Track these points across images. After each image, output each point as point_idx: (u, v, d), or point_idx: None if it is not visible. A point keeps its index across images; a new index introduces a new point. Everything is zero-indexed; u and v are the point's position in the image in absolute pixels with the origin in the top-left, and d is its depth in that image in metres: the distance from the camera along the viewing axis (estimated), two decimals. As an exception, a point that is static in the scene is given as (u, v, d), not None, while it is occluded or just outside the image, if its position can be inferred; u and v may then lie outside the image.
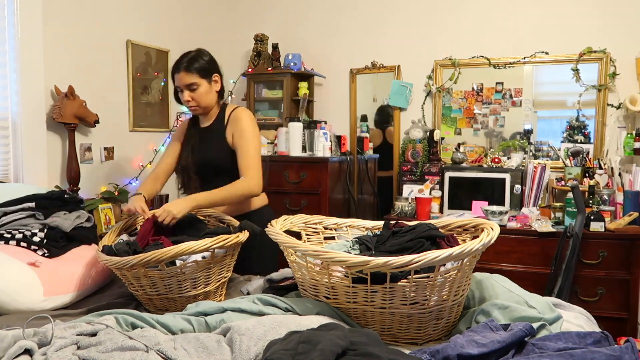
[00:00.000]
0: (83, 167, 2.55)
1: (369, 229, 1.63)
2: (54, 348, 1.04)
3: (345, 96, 3.56)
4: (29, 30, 2.29)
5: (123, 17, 2.87)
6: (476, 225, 1.45)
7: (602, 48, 2.93)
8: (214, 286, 1.54)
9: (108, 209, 2.59)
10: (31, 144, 2.34)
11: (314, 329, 1.09)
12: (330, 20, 3.58)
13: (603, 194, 2.67)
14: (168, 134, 3.25)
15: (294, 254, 1.32)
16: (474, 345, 1.05)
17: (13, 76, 2.27)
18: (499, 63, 3.15)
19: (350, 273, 1.20)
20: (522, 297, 1.33)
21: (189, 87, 1.90)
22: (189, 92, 1.90)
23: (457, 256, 1.13)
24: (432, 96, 3.34)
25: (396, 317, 1.21)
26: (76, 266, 1.67)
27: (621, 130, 2.89)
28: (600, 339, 1.08)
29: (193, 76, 1.88)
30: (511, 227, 2.63)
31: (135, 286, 1.49)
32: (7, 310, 1.45)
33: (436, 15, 3.32)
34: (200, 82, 1.90)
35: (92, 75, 2.67)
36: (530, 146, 3.11)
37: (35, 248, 1.67)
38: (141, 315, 1.25)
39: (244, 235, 1.57)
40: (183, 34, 3.39)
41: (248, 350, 1.06)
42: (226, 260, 1.58)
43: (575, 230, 2.41)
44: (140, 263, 1.36)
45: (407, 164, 3.30)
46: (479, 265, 1.73)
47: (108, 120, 2.73)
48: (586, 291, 2.53)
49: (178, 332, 1.23)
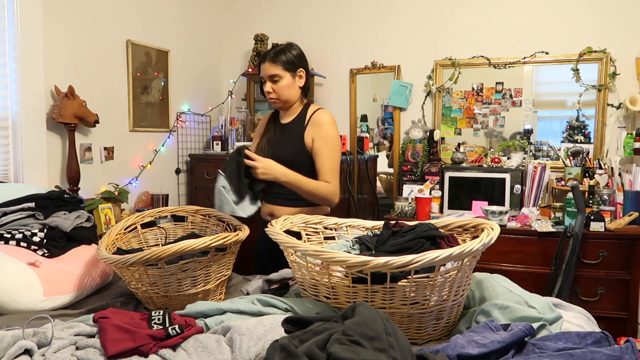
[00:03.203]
0: (83, 167, 2.55)
1: (369, 229, 1.62)
2: (53, 349, 1.04)
3: (345, 96, 3.56)
4: (29, 30, 2.29)
5: (123, 17, 2.87)
6: (476, 225, 1.45)
7: (602, 48, 2.93)
8: (214, 284, 1.54)
9: (108, 209, 2.59)
10: (31, 144, 2.34)
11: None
12: (330, 20, 3.58)
13: (603, 194, 2.67)
14: (168, 134, 3.25)
15: (294, 254, 1.32)
16: (474, 345, 1.05)
17: (13, 76, 2.27)
18: (499, 63, 3.15)
19: (350, 273, 1.19)
20: (522, 297, 1.33)
21: (271, 79, 1.87)
22: (271, 83, 1.88)
23: (457, 256, 1.13)
24: (432, 96, 3.34)
25: (396, 317, 1.21)
26: (76, 266, 1.67)
27: (621, 130, 2.89)
28: (600, 339, 1.08)
29: (277, 67, 1.85)
30: (511, 227, 2.63)
31: (135, 284, 1.49)
32: (7, 310, 1.45)
33: (436, 15, 3.32)
34: (284, 74, 1.86)
35: (92, 75, 2.67)
36: (530, 146, 3.11)
37: (35, 248, 1.67)
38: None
39: (243, 233, 1.57)
40: (183, 34, 3.39)
41: (248, 350, 1.06)
42: (226, 259, 1.58)
43: (575, 230, 2.41)
44: (140, 261, 1.36)
45: (407, 164, 3.30)
46: (479, 265, 1.73)
47: (108, 120, 2.73)
48: (586, 291, 2.53)
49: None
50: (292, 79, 1.89)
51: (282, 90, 1.88)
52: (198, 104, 3.55)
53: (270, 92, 1.89)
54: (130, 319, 1.18)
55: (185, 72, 3.41)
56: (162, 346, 1.10)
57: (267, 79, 1.89)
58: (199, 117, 3.55)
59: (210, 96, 3.69)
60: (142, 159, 3.06)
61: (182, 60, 3.37)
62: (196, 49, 3.56)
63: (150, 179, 3.11)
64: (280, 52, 1.88)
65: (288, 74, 1.88)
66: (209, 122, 3.64)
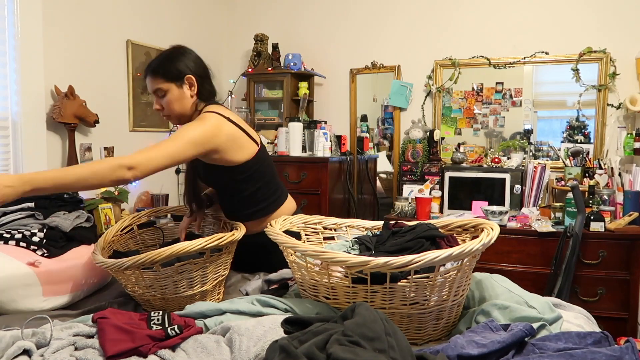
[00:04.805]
0: (83, 167, 2.54)
1: (369, 229, 1.62)
2: (51, 350, 1.04)
3: (345, 96, 3.56)
4: (29, 30, 2.29)
5: (123, 17, 2.87)
6: (476, 225, 1.45)
7: (602, 48, 2.93)
8: (211, 285, 1.54)
9: (108, 209, 2.58)
10: (31, 144, 2.34)
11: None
12: (331, 20, 3.58)
13: (603, 194, 2.66)
14: (168, 134, 3.25)
15: (293, 254, 1.31)
16: (474, 345, 1.05)
17: (13, 76, 2.27)
18: (499, 63, 3.15)
19: (350, 273, 1.19)
20: (522, 297, 1.33)
21: (157, 94, 1.65)
22: (158, 99, 1.65)
23: (457, 256, 1.13)
24: (432, 96, 3.34)
25: (396, 318, 1.21)
26: (76, 266, 1.66)
27: (621, 130, 2.88)
28: (600, 339, 1.08)
29: (159, 81, 1.63)
30: (511, 227, 2.63)
31: (132, 287, 1.49)
32: (6, 310, 1.45)
33: (436, 15, 3.31)
34: (168, 86, 1.62)
35: (92, 75, 2.67)
36: (530, 146, 3.11)
37: (34, 248, 1.66)
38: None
39: (239, 233, 1.56)
40: (183, 34, 3.38)
41: (248, 351, 1.05)
42: (222, 259, 1.57)
43: (575, 230, 2.41)
44: (135, 265, 1.35)
45: (407, 164, 3.30)
46: (479, 265, 1.73)
47: (108, 120, 2.72)
48: (586, 291, 2.52)
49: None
50: (179, 89, 1.64)
51: (170, 105, 1.64)
52: (198, 104, 3.54)
53: (159, 108, 1.66)
54: (129, 319, 1.18)
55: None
56: (162, 347, 1.10)
57: (154, 94, 1.66)
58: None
59: (210, 96, 3.69)
60: (142, 159, 3.06)
61: (182, 60, 3.37)
62: (196, 49, 3.51)
63: (150, 179, 3.07)
64: (161, 62, 1.65)
65: (173, 85, 1.63)
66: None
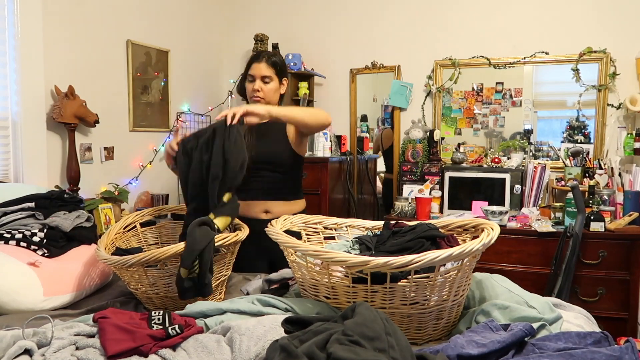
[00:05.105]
0: (83, 167, 2.55)
1: (369, 229, 1.62)
2: (52, 349, 1.04)
3: (345, 96, 3.56)
4: (29, 30, 2.29)
5: (123, 17, 2.87)
6: (476, 225, 1.45)
7: (602, 48, 2.93)
8: (213, 284, 1.54)
9: (108, 209, 2.59)
10: (31, 144, 2.34)
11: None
12: (330, 20, 3.58)
13: (603, 194, 2.67)
14: (168, 134, 3.25)
15: (294, 254, 1.32)
16: (474, 345, 1.05)
17: (13, 76, 2.27)
18: (499, 63, 3.15)
19: (350, 273, 1.19)
20: (522, 297, 1.33)
21: (263, 79, 1.96)
22: (261, 83, 1.96)
23: (457, 256, 1.13)
24: (432, 96, 3.34)
25: (396, 317, 1.21)
26: (76, 266, 1.67)
27: (621, 130, 2.89)
28: (600, 339, 1.08)
29: (271, 70, 1.96)
30: (511, 227, 2.63)
31: (135, 285, 1.49)
32: (7, 310, 1.45)
33: (436, 15, 3.32)
34: (274, 78, 1.98)
35: (92, 75, 2.67)
36: (530, 146, 3.11)
37: (35, 248, 1.66)
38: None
39: (243, 234, 1.57)
40: (183, 34, 3.39)
41: (248, 350, 1.05)
42: (226, 259, 1.57)
43: (575, 230, 2.41)
44: (139, 262, 1.36)
45: (407, 164, 3.30)
46: (479, 265, 1.73)
47: (108, 120, 2.72)
48: (586, 291, 2.53)
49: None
50: (279, 84, 2.01)
51: (269, 92, 1.97)
52: (198, 104, 3.55)
53: (259, 90, 1.96)
54: (130, 318, 1.18)
55: (185, 72, 3.41)
56: (162, 346, 1.10)
57: (258, 77, 1.96)
58: (199, 117, 3.55)
59: (210, 96, 3.69)
60: (142, 158, 3.06)
61: (182, 60, 3.37)
62: (196, 49, 3.56)
63: (150, 179, 3.11)
64: (275, 57, 2.00)
65: (277, 78, 1.99)
66: (209, 122, 3.64)
